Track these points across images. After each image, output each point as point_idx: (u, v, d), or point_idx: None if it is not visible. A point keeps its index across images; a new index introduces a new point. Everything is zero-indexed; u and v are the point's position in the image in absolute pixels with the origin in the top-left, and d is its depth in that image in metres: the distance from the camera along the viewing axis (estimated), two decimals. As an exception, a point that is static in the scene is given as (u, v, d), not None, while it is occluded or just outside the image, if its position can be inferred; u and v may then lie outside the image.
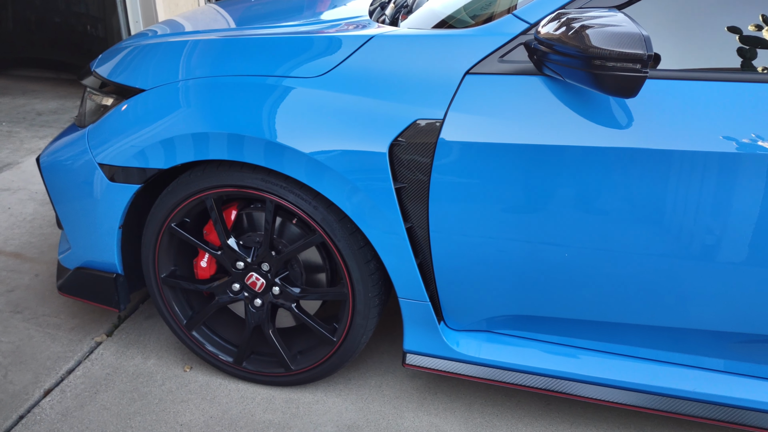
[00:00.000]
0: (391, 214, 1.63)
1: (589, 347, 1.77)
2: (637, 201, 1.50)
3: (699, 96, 1.45)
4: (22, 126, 4.36)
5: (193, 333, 2.02)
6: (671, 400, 1.71)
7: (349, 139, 1.60)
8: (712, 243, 1.50)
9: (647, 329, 1.68)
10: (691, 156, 1.44)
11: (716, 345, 1.68)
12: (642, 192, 1.49)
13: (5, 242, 2.82)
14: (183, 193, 1.80)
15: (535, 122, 1.51)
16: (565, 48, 1.36)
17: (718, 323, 1.62)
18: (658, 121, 1.45)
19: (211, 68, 1.77)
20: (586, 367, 1.75)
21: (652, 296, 1.61)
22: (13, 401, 1.93)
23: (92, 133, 1.88)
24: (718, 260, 1.52)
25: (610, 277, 1.60)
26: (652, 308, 1.63)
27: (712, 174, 1.45)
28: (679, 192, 1.48)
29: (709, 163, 1.44)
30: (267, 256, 1.85)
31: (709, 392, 1.68)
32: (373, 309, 1.81)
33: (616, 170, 1.48)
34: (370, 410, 1.95)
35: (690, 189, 1.47)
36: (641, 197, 1.49)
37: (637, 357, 1.75)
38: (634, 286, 1.60)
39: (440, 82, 1.56)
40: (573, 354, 1.78)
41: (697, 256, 1.53)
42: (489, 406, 1.97)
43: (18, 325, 2.28)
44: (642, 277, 1.58)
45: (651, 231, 1.52)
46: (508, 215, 1.58)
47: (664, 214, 1.50)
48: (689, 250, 1.52)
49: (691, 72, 1.47)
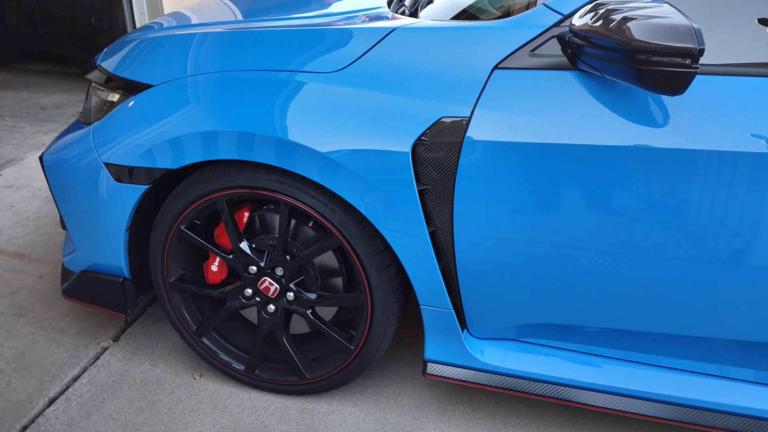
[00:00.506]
0: (414, 217, 1.54)
1: (618, 357, 1.68)
2: (676, 205, 1.40)
3: (746, 92, 1.35)
4: (25, 121, 4.28)
5: (203, 339, 1.93)
6: (702, 412, 1.62)
7: (370, 137, 1.51)
8: (748, 249, 1.41)
9: (679, 339, 1.59)
10: (735, 157, 1.34)
11: (748, 355, 1.58)
12: (680, 195, 1.39)
13: (8, 242, 2.74)
14: (193, 194, 1.71)
15: (568, 120, 1.41)
16: (605, 41, 1.27)
17: (751, 333, 1.52)
18: (702, 119, 1.35)
19: (221, 63, 1.68)
20: (615, 377, 1.66)
21: (686, 305, 1.51)
22: (16, 410, 1.86)
23: (97, 131, 1.79)
24: (756, 267, 1.42)
25: (643, 285, 1.51)
26: (686, 317, 1.54)
27: (756, 177, 1.35)
28: (719, 196, 1.38)
29: (756, 165, 1.34)
30: (281, 261, 1.76)
31: (741, 404, 1.59)
32: (393, 316, 1.73)
33: (654, 172, 1.38)
34: (389, 421, 1.86)
35: (731, 193, 1.37)
36: (680, 200, 1.40)
37: (666, 367, 1.66)
38: (667, 295, 1.51)
39: (467, 77, 1.47)
40: (601, 364, 1.68)
41: (734, 264, 1.43)
42: (512, 416, 1.88)
43: (22, 329, 2.20)
44: (676, 285, 1.49)
45: (689, 236, 1.43)
46: (538, 219, 1.48)
47: (704, 219, 1.40)
48: (726, 256, 1.43)
49: (739, 67, 1.37)
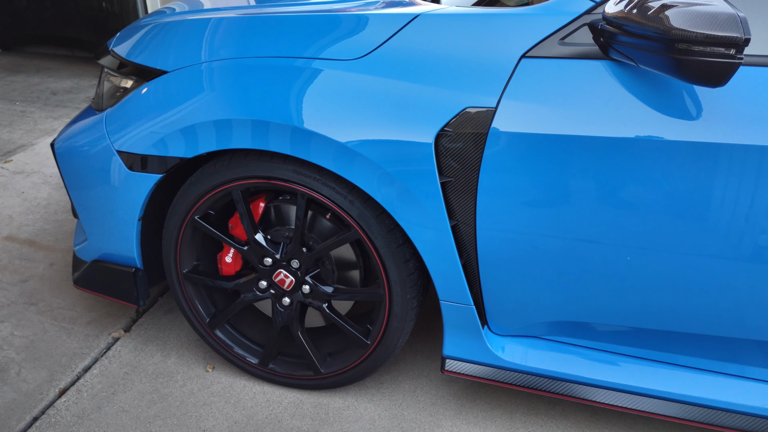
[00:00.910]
0: (436, 210, 1.49)
1: (641, 356, 1.64)
2: (709, 202, 1.35)
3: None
4: (36, 106, 4.24)
5: (216, 332, 1.89)
6: (727, 414, 1.57)
7: (392, 127, 1.45)
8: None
9: (705, 338, 1.54)
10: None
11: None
12: (714, 192, 1.34)
13: (19, 229, 2.71)
14: (208, 184, 1.67)
15: (598, 112, 1.35)
16: (641, 29, 1.21)
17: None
18: (744, 113, 1.29)
19: (237, 49, 1.63)
20: (637, 377, 1.62)
21: (714, 304, 1.46)
22: (27, 401, 1.83)
23: (110, 118, 1.74)
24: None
25: (670, 283, 1.46)
26: (713, 317, 1.48)
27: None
28: (755, 193, 1.32)
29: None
30: (297, 253, 1.71)
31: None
32: (411, 311, 1.68)
33: (688, 167, 1.33)
34: (405, 418, 1.82)
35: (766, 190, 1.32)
36: (713, 198, 1.34)
37: (691, 367, 1.61)
38: (694, 293, 1.46)
39: (493, 66, 1.41)
40: (624, 363, 1.64)
41: (764, 263, 1.38)
42: (532, 415, 1.84)
43: (32, 318, 2.17)
44: (703, 284, 1.43)
45: (719, 235, 1.37)
46: (564, 214, 1.43)
47: (738, 218, 1.34)
48: (757, 255, 1.37)
49: None
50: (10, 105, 4.24)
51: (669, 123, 1.32)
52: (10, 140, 3.65)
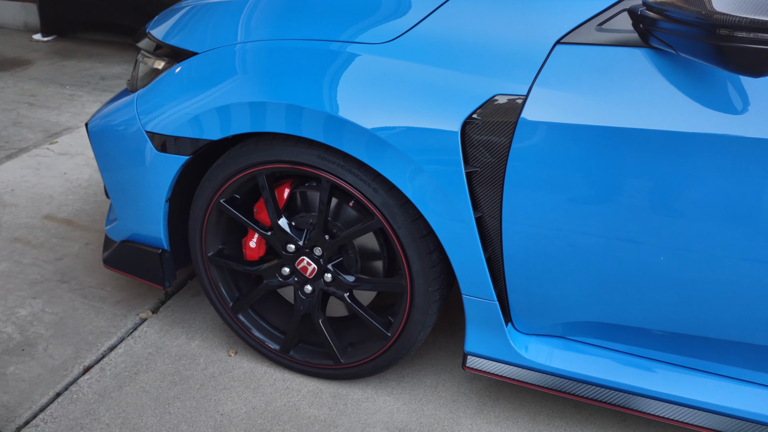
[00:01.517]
0: (460, 201, 1.44)
1: (675, 362, 1.55)
2: (751, 201, 1.26)
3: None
4: (85, 90, 4.34)
5: (239, 316, 1.89)
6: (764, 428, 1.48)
7: (417, 114, 1.41)
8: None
9: (746, 347, 1.45)
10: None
11: None
12: (758, 191, 1.25)
13: (59, 208, 2.77)
14: (233, 167, 1.66)
15: (636, 103, 1.28)
16: (682, 14, 1.13)
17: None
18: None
19: (270, 31, 1.61)
20: (671, 384, 1.54)
21: (756, 312, 1.37)
22: (51, 377, 1.86)
23: (141, 99, 1.75)
24: None
25: (707, 287, 1.37)
26: (756, 325, 1.39)
27: None
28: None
29: None
30: (320, 240, 1.69)
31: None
32: (433, 305, 1.64)
33: (734, 164, 1.24)
34: (424, 413, 1.78)
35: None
36: (757, 197, 1.25)
37: (728, 377, 1.52)
38: (734, 299, 1.37)
39: (525, 52, 1.35)
40: (656, 369, 1.56)
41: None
42: (556, 418, 1.78)
43: (63, 296, 2.21)
44: (744, 289, 1.35)
45: (762, 236, 1.28)
46: (596, 209, 1.36)
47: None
48: None
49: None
50: (60, 89, 4.35)
51: (712, 116, 1.24)
52: (58, 122, 3.74)
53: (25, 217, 2.69)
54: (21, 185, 2.96)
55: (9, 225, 2.63)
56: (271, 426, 1.73)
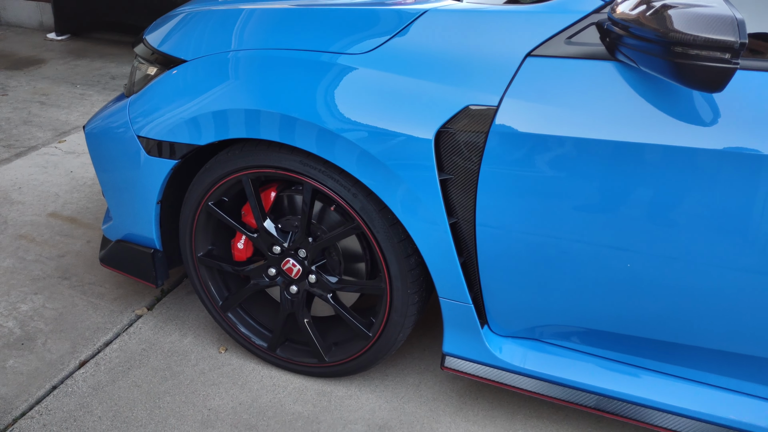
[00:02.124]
0: (434, 207, 1.49)
1: (652, 368, 1.59)
2: (717, 210, 1.30)
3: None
4: (95, 89, 4.43)
5: (228, 314, 1.95)
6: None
7: (392, 123, 1.46)
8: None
9: (724, 355, 1.48)
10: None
11: None
12: (724, 200, 1.28)
13: (63, 206, 2.86)
14: (220, 171, 1.72)
15: (603, 114, 1.32)
16: (643, 31, 1.17)
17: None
18: (755, 120, 1.24)
19: (259, 41, 1.66)
20: (645, 389, 1.57)
21: (732, 318, 1.40)
22: (48, 370, 1.93)
23: (133, 104, 1.81)
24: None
25: (677, 292, 1.41)
26: (732, 332, 1.42)
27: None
28: (759, 201, 1.27)
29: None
30: (304, 242, 1.75)
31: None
32: (412, 306, 1.69)
33: (694, 174, 1.28)
34: (405, 411, 1.83)
35: None
36: (723, 206, 1.29)
37: (707, 384, 1.55)
38: (712, 305, 1.40)
39: (497, 64, 1.40)
40: (630, 373, 1.60)
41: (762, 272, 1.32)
42: (533, 418, 1.82)
43: (64, 292, 2.28)
44: (722, 297, 1.38)
45: (730, 244, 1.32)
46: (564, 215, 1.41)
47: (747, 226, 1.29)
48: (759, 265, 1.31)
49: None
50: (71, 88, 4.45)
51: (674, 128, 1.28)
52: (67, 121, 3.83)
53: (31, 215, 2.77)
54: (29, 183, 3.05)
55: (15, 222, 2.72)
56: (256, 421, 1.79)
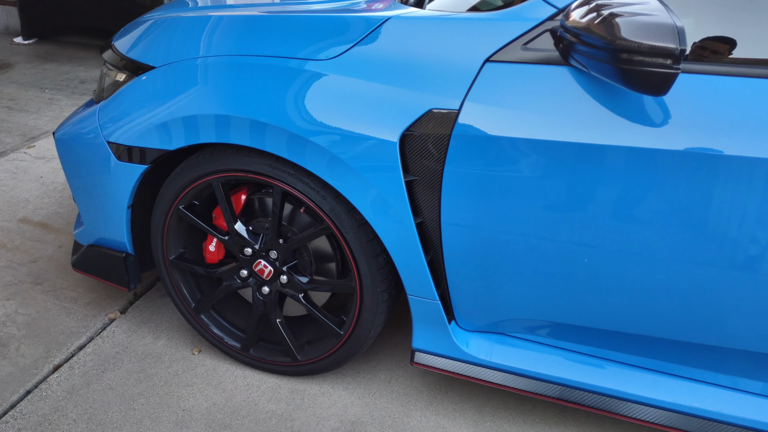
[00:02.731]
0: (401, 207, 1.54)
1: (612, 358, 1.66)
2: (666, 206, 1.37)
3: (747, 94, 1.31)
4: (64, 93, 4.41)
5: (201, 316, 1.98)
6: (698, 420, 1.59)
7: (358, 127, 1.51)
8: (755, 255, 1.36)
9: (680, 345, 1.56)
10: (734, 161, 1.30)
11: (757, 367, 1.54)
12: (674, 196, 1.36)
13: (34, 212, 2.85)
14: (190, 175, 1.75)
15: (558, 117, 1.39)
16: (592, 38, 1.24)
17: (759, 344, 1.47)
18: (697, 121, 1.31)
19: (227, 48, 1.70)
20: (607, 379, 1.64)
21: (686, 309, 1.48)
22: (22, 375, 1.94)
23: (103, 111, 1.84)
24: (763, 276, 1.38)
25: (628, 284, 1.48)
26: (687, 323, 1.50)
27: (758, 180, 1.31)
28: (715, 199, 1.34)
29: (756, 169, 1.30)
30: (274, 244, 1.78)
31: (745, 416, 1.54)
32: (382, 304, 1.74)
33: (644, 172, 1.35)
34: (377, 406, 1.88)
35: (724, 195, 1.33)
36: (672, 202, 1.36)
37: (665, 373, 1.62)
38: (665, 298, 1.47)
39: (457, 69, 1.46)
40: (592, 364, 1.67)
41: (739, 269, 1.39)
42: (501, 409, 1.88)
43: (36, 297, 2.29)
44: (675, 289, 1.45)
45: (683, 238, 1.39)
46: (524, 213, 1.47)
47: (699, 221, 1.36)
48: (729, 262, 1.38)
49: (744, 67, 1.32)
50: (39, 92, 4.42)
51: (624, 128, 1.34)
52: (36, 126, 3.81)
53: (1, 221, 2.76)
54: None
55: (-15, 229, 2.71)
56: (230, 421, 1.82)
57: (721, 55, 1.37)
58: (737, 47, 1.36)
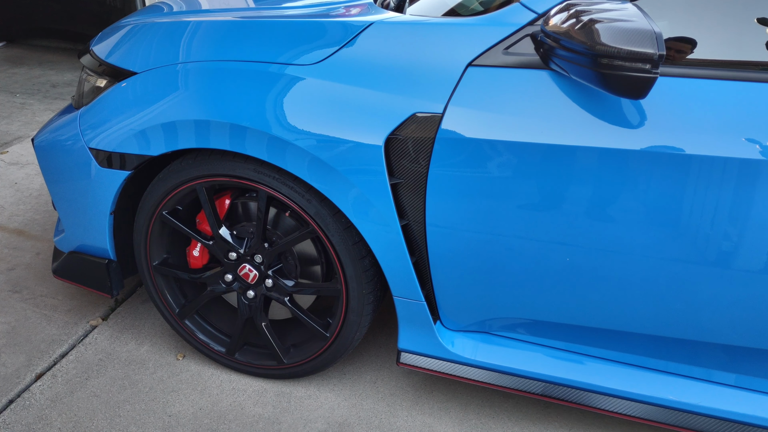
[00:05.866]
0: (386, 210, 1.56)
1: (592, 354, 1.70)
2: (645, 205, 1.41)
3: (721, 96, 1.35)
4: (35, 98, 4.34)
5: (185, 322, 1.98)
6: (675, 413, 1.64)
7: (343, 131, 1.52)
8: (727, 252, 1.41)
9: (656, 339, 1.60)
10: (707, 160, 1.34)
11: (730, 359, 1.59)
12: (651, 196, 1.40)
13: (9, 218, 2.81)
14: (174, 181, 1.75)
15: (539, 120, 1.42)
16: (572, 43, 1.27)
17: (731, 337, 1.53)
18: (675, 123, 1.35)
19: (207, 53, 1.70)
20: (588, 374, 1.68)
21: (662, 305, 1.52)
22: (4, 384, 1.92)
23: (84, 117, 1.82)
24: (734, 270, 1.43)
25: (611, 283, 1.52)
26: (662, 318, 1.54)
27: (729, 179, 1.35)
28: (689, 197, 1.39)
29: (728, 168, 1.34)
30: (259, 248, 1.79)
31: (719, 407, 1.59)
32: (368, 306, 1.75)
33: (624, 173, 1.39)
34: (363, 407, 1.90)
35: (698, 194, 1.37)
36: (650, 201, 1.40)
37: (643, 367, 1.67)
38: (642, 294, 1.52)
39: (441, 74, 1.48)
40: (574, 360, 1.70)
41: (711, 265, 1.43)
42: (486, 407, 1.91)
43: (15, 305, 2.26)
44: (651, 285, 1.50)
45: (659, 237, 1.43)
46: (507, 214, 1.50)
47: (674, 221, 1.41)
48: (702, 258, 1.43)
49: (716, 70, 1.36)
50: (10, 97, 4.35)
51: (603, 130, 1.38)
52: (8, 132, 3.75)
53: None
54: (-29, 196, 2.98)
55: (-41, 237, 2.66)
56: (217, 425, 1.82)
57: (685, 54, 1.42)
58: (698, 48, 1.41)
